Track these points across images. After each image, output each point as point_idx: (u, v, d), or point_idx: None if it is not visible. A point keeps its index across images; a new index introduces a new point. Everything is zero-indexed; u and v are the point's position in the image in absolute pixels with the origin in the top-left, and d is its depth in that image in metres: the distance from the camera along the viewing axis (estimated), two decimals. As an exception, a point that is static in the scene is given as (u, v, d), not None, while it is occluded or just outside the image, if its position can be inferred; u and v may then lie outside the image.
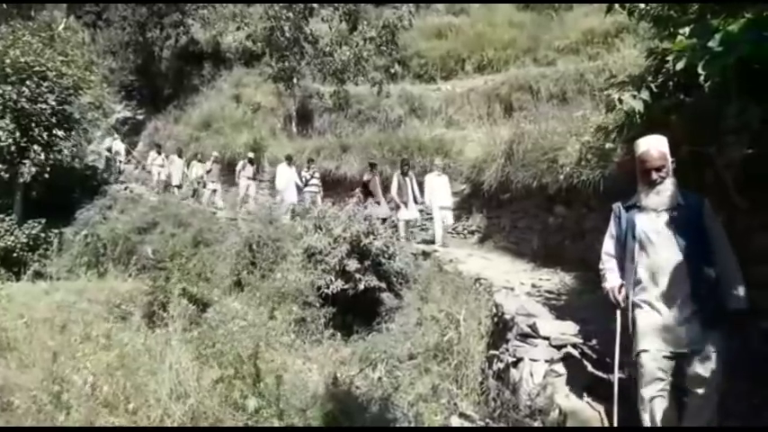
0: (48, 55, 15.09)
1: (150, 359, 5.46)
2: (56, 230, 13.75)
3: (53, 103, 14.76)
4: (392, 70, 18.49)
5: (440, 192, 11.07)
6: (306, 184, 13.57)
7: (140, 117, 23.56)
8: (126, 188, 17.03)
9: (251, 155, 15.65)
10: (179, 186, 16.77)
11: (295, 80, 17.95)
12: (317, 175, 13.82)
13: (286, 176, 13.59)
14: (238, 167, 15.35)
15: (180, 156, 17.26)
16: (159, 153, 17.69)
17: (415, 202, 11.33)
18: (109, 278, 11.04)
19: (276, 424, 4.72)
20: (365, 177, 12.04)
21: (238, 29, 19.96)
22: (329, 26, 18.09)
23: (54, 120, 15.02)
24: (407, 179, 11.39)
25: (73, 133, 16.04)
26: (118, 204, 15.24)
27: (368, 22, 18.05)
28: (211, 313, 7.43)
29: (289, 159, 14.00)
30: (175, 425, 4.59)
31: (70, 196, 15.58)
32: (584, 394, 3.77)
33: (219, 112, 20.24)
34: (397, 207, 11.33)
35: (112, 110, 21.51)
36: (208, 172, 15.78)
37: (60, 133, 15.40)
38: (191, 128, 20.60)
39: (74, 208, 14.95)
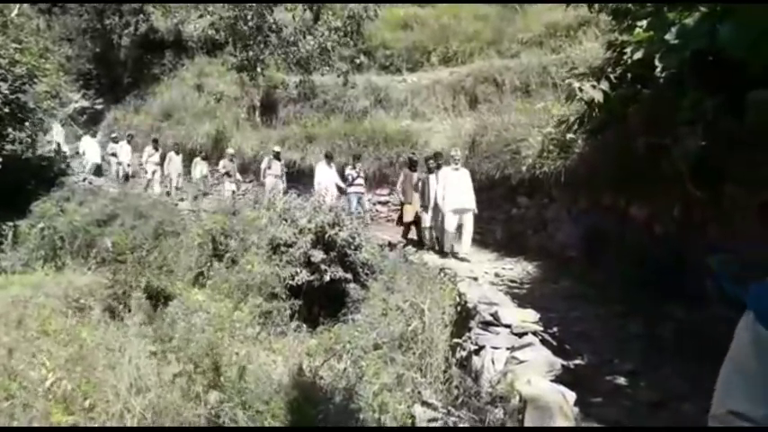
0: (0, 42, 14.55)
1: (109, 354, 5.36)
2: (10, 223, 13.25)
3: (6, 91, 14.19)
4: (357, 61, 18.42)
5: (457, 190, 9.17)
6: (351, 183, 12.36)
7: (99, 107, 22.84)
8: (84, 179, 16.48)
9: (277, 149, 14.28)
10: (175, 189, 15.36)
11: (259, 70, 17.67)
12: (362, 174, 12.60)
13: (326, 176, 12.69)
14: (264, 164, 14.17)
15: (177, 153, 15.85)
16: (156, 149, 16.12)
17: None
18: (67, 272, 10.73)
19: (240, 415, 4.68)
20: (402, 174, 11.01)
21: (201, 17, 19.48)
22: (293, 15, 17.88)
23: (7, 109, 14.48)
24: (433, 177, 9.79)
25: (27, 123, 15.51)
26: (76, 196, 14.76)
27: (333, 12, 17.88)
28: (173, 306, 7.30)
29: (329, 158, 13.01)
30: (135, 420, 4.52)
31: (25, 188, 15.07)
32: (545, 380, 3.83)
33: (181, 101, 19.83)
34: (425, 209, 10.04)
35: (69, 99, 20.84)
36: (227, 173, 14.63)
37: (14, 123, 14.89)
38: (151, 118, 20.14)
39: (29, 200, 14.44)
